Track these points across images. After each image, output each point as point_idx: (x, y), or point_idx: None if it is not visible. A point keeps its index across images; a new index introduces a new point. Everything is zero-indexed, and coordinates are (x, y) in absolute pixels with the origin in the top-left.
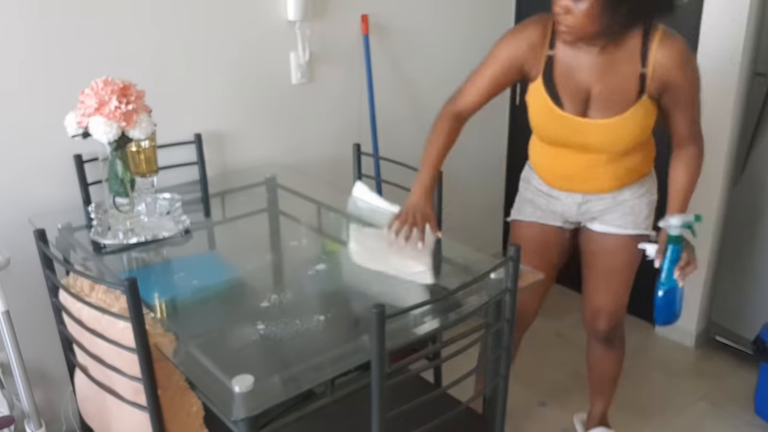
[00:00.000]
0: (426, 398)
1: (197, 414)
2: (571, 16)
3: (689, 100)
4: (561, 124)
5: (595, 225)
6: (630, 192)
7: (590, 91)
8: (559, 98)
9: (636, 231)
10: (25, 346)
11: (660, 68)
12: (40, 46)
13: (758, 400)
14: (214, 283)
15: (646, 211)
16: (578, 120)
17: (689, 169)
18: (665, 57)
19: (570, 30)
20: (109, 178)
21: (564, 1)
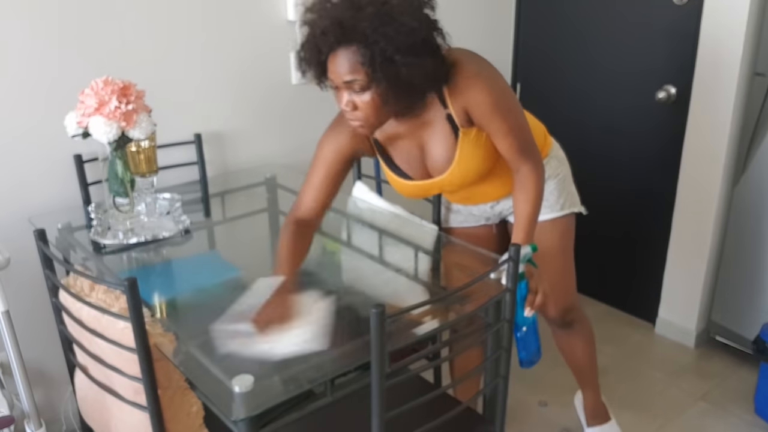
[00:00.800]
0: (426, 398)
1: (197, 414)
2: (358, 111)
3: (497, 116)
4: (416, 189)
5: (512, 218)
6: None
7: (422, 151)
8: (401, 171)
9: (552, 215)
10: (25, 346)
11: (456, 98)
12: (40, 46)
13: (758, 400)
14: (214, 283)
15: (556, 192)
16: (427, 183)
17: (526, 194)
18: (454, 85)
19: (363, 123)
20: (109, 178)
21: (346, 98)
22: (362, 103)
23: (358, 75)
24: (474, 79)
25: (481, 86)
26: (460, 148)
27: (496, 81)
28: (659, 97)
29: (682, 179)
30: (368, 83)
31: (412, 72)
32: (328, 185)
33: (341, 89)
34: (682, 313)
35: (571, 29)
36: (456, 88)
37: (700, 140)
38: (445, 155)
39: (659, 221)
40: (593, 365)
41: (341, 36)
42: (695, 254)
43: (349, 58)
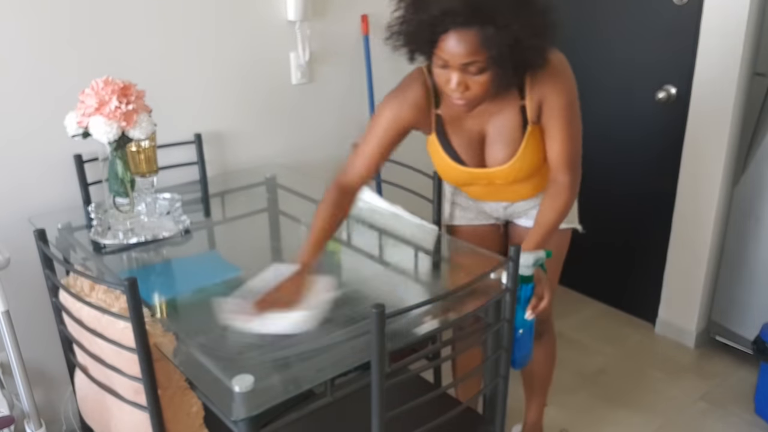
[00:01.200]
0: (426, 398)
1: (197, 414)
2: (468, 92)
3: (565, 117)
4: (464, 175)
5: (521, 220)
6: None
7: (484, 137)
8: (456, 153)
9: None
10: (25, 346)
11: (535, 90)
12: (40, 46)
13: (758, 400)
14: (214, 283)
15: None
16: (479, 171)
17: (555, 205)
18: (538, 76)
19: (469, 102)
20: (109, 178)
21: (458, 79)
22: (475, 84)
23: (479, 57)
24: (559, 75)
25: (563, 84)
26: (526, 142)
27: (574, 86)
28: (659, 97)
29: (682, 179)
30: (487, 65)
31: (536, 55)
32: (380, 153)
33: (452, 69)
34: (682, 313)
35: (570, 30)
36: (538, 79)
37: (700, 140)
38: (508, 147)
39: (659, 221)
40: (548, 381)
41: (470, 16)
42: (695, 254)
43: (472, 40)
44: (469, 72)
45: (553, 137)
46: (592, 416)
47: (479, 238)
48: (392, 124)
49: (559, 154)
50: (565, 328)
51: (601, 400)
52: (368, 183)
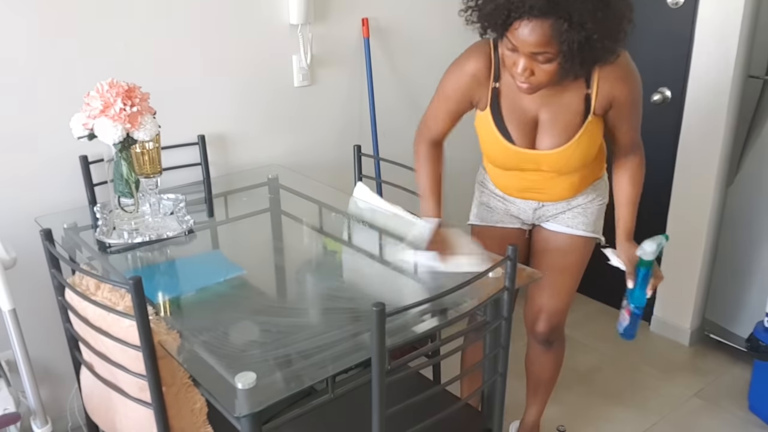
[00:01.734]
0: (425, 395)
1: (201, 410)
2: (534, 77)
3: (633, 111)
4: (511, 156)
5: (548, 224)
6: (583, 197)
7: (538, 119)
8: (507, 130)
9: (586, 233)
10: (32, 344)
11: (604, 85)
12: (45, 48)
13: (752, 397)
14: (218, 282)
15: (597, 213)
16: (528, 153)
17: (634, 179)
18: (609, 72)
19: (532, 87)
20: (114, 179)
21: (524, 64)
22: (541, 71)
23: (549, 48)
24: (630, 74)
25: (633, 83)
26: (585, 129)
27: (640, 80)
28: (654, 99)
29: (676, 180)
30: (556, 57)
31: (606, 55)
32: (451, 118)
33: (522, 55)
34: (676, 311)
35: None
36: (609, 74)
37: (695, 142)
38: (562, 133)
39: (654, 221)
40: (552, 385)
41: (547, 8)
42: (690, 253)
43: (545, 31)
44: (536, 60)
45: (624, 124)
46: (587, 413)
47: (503, 240)
48: (455, 94)
49: (631, 137)
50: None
51: (596, 397)
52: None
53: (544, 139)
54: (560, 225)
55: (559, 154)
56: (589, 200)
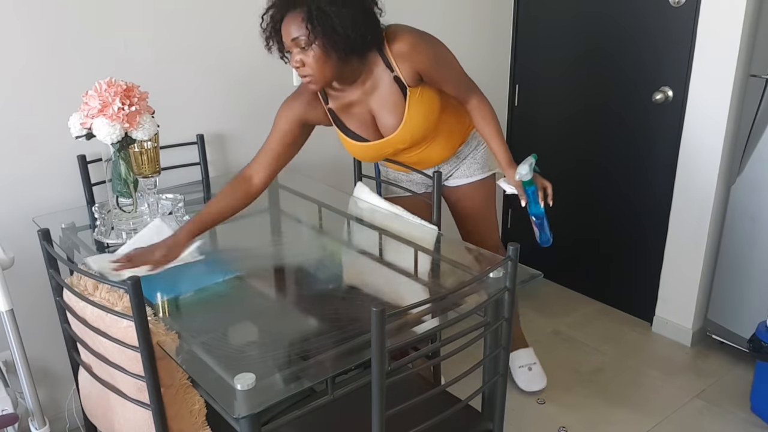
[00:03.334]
0: (425, 396)
1: (200, 411)
2: (307, 67)
3: (442, 71)
4: (371, 150)
5: (450, 182)
6: (467, 148)
7: (372, 115)
8: (356, 134)
9: (483, 174)
10: (29, 345)
11: (401, 63)
12: (44, 47)
13: (754, 398)
14: (216, 283)
15: (485, 155)
16: (378, 143)
17: (484, 116)
18: (398, 52)
19: (312, 79)
20: (112, 179)
21: (296, 57)
22: (309, 59)
23: (301, 32)
24: (416, 43)
25: (423, 47)
26: (409, 105)
27: (432, 40)
28: (656, 98)
29: (678, 179)
30: (310, 37)
31: (345, 22)
32: (281, 148)
33: (292, 50)
34: (678, 311)
35: (568, 31)
36: (400, 53)
37: (697, 141)
38: (394, 115)
39: (656, 221)
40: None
41: (287, 3)
42: (692, 253)
43: (294, 19)
44: (300, 47)
45: (445, 82)
46: (589, 414)
47: (417, 204)
48: (287, 122)
49: (457, 88)
50: (563, 326)
51: (598, 399)
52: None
53: (384, 127)
54: (459, 179)
55: (401, 132)
56: (473, 148)
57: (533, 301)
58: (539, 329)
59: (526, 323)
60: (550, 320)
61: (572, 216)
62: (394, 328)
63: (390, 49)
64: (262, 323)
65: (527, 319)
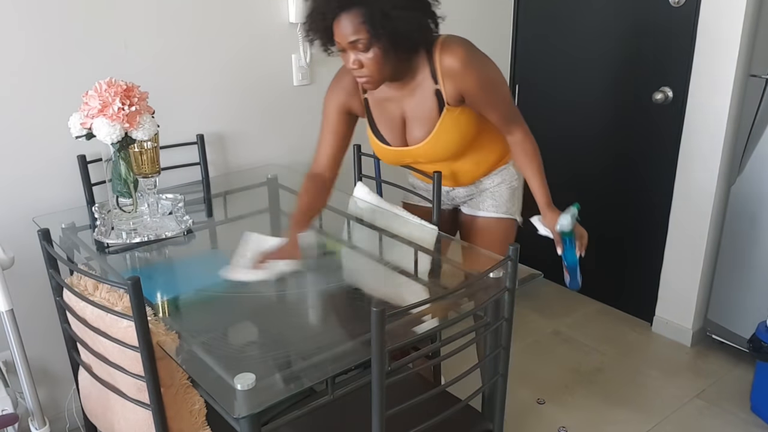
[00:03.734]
0: (426, 396)
1: (200, 411)
2: (364, 69)
3: (489, 96)
4: (391, 155)
5: (464, 208)
6: (489, 181)
7: (404, 119)
8: (380, 133)
9: (497, 214)
10: (29, 345)
11: (448, 78)
12: (44, 47)
13: (754, 398)
14: (217, 283)
15: (506, 195)
16: (401, 150)
17: (526, 153)
18: (449, 67)
19: (369, 80)
20: (112, 179)
21: (352, 58)
22: (367, 60)
23: (360, 35)
24: (469, 63)
25: (476, 69)
26: (441, 122)
27: (485, 63)
28: (656, 98)
29: (678, 179)
30: (370, 41)
31: (409, 25)
32: (337, 140)
33: (347, 50)
34: (678, 311)
35: (569, 31)
36: (450, 70)
37: (697, 141)
38: (424, 127)
39: (656, 221)
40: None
41: (347, 2)
42: (692, 253)
43: (352, 20)
44: (358, 49)
45: (488, 111)
46: (589, 414)
47: (427, 216)
48: (335, 112)
49: (499, 119)
50: (563, 326)
51: (598, 399)
52: (336, 169)
53: (411, 135)
54: (472, 209)
55: (424, 146)
56: (495, 184)
57: (533, 301)
58: (539, 329)
59: (527, 323)
60: (550, 320)
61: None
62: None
63: (440, 61)
64: (262, 323)
65: (528, 319)
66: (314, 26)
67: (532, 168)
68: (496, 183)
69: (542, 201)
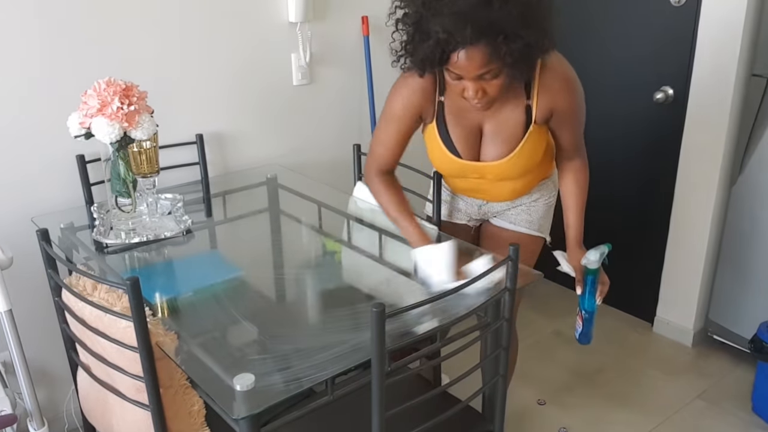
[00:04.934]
0: (425, 397)
1: (199, 412)
2: (488, 95)
3: (574, 119)
4: (456, 167)
5: (495, 220)
6: (527, 196)
7: (482, 130)
8: (452, 143)
9: (529, 231)
10: (28, 345)
11: (543, 96)
12: (43, 47)
13: (756, 399)
14: (216, 283)
15: (542, 212)
16: (472, 164)
17: (578, 183)
18: (548, 84)
19: (488, 104)
20: (111, 179)
21: (475, 87)
22: (492, 87)
23: (492, 66)
24: (570, 83)
25: (573, 89)
26: (526, 140)
27: (580, 86)
28: (657, 98)
29: (679, 179)
30: (501, 71)
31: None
32: (401, 141)
33: (469, 80)
34: (679, 312)
35: (569, 31)
36: (549, 85)
37: (698, 141)
38: (505, 144)
39: (657, 221)
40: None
41: (478, 35)
42: (693, 254)
43: (483, 54)
44: (485, 79)
45: (566, 132)
46: (590, 415)
47: (450, 231)
48: (406, 114)
49: (572, 142)
50: (564, 327)
51: (599, 399)
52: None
53: (487, 151)
54: (505, 221)
55: (502, 165)
56: (533, 200)
57: (533, 301)
58: (540, 329)
59: (527, 323)
60: (550, 320)
61: None
62: (393, 328)
63: (540, 77)
64: (262, 323)
65: (528, 319)
66: (424, 59)
67: (576, 200)
68: (534, 198)
69: (574, 237)
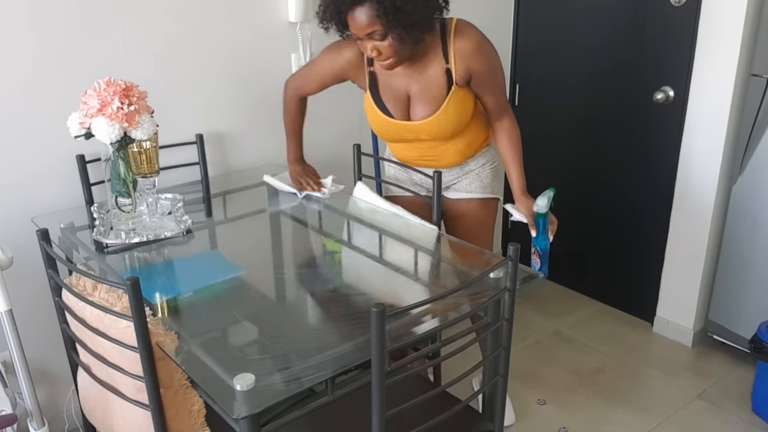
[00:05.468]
0: (426, 396)
1: (199, 412)
2: (383, 55)
3: (492, 81)
4: (391, 128)
5: (449, 193)
6: (474, 163)
7: (409, 94)
8: (385, 107)
9: (483, 195)
10: (28, 345)
11: (460, 59)
12: (43, 46)
13: (756, 399)
14: (216, 283)
15: (491, 176)
16: (405, 124)
17: (511, 139)
18: (462, 48)
19: (390, 64)
20: (111, 179)
21: (370, 46)
22: (384, 47)
23: (376, 27)
24: (481, 46)
25: (486, 52)
26: (449, 100)
27: (493, 50)
28: (657, 98)
29: (679, 179)
30: (385, 32)
31: (422, 14)
32: (320, 86)
33: (364, 40)
34: (679, 312)
35: (569, 31)
36: (463, 50)
37: (698, 141)
38: (430, 105)
39: (657, 221)
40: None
41: None
42: (693, 254)
43: (366, 14)
44: (375, 39)
45: (487, 94)
46: (590, 415)
47: (410, 208)
48: (328, 71)
49: (496, 102)
50: (564, 327)
51: (599, 399)
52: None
53: (416, 111)
54: (459, 192)
55: (430, 123)
56: (480, 165)
57: (533, 301)
58: (540, 330)
59: (527, 324)
60: (550, 321)
61: (573, 216)
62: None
63: (454, 43)
64: (262, 323)
65: (528, 320)
66: (329, 17)
67: (514, 155)
68: (480, 164)
69: (519, 188)
